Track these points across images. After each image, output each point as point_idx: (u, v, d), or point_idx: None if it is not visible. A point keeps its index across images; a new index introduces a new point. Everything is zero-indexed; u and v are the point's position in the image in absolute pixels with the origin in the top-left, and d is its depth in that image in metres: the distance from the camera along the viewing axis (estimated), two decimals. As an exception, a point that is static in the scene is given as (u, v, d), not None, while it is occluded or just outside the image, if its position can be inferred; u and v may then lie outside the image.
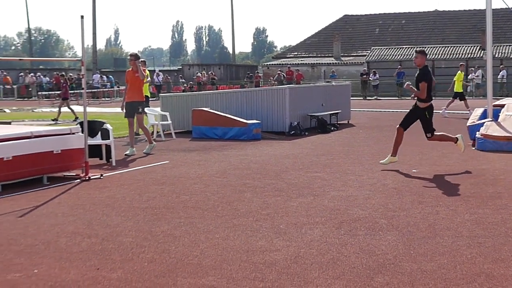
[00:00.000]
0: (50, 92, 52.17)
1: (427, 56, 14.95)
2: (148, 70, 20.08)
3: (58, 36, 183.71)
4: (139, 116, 16.15)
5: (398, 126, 13.22)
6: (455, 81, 28.70)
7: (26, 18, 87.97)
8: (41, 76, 61.23)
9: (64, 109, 29.16)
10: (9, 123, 23.35)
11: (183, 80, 61.84)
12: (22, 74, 62.16)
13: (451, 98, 28.99)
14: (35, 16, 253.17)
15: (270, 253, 7.08)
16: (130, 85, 16.14)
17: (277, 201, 10.04)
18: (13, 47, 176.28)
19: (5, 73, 62.17)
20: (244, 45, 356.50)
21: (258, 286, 5.96)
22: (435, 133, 13.20)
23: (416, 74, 13.04)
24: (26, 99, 55.64)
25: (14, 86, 58.70)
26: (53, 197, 10.54)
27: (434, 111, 13.18)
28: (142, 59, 17.37)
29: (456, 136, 13.64)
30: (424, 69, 12.97)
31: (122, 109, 16.54)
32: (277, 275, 6.28)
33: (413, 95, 13.08)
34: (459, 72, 29.12)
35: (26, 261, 6.87)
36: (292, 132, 20.54)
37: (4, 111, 36.10)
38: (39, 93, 53.53)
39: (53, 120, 27.56)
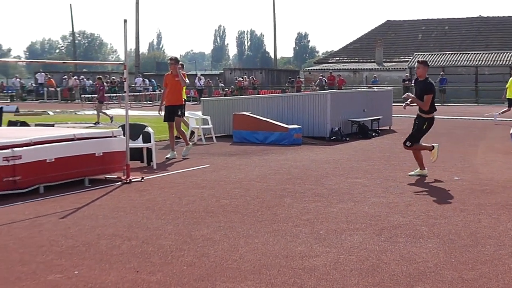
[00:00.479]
0: (92, 95, 52.59)
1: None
2: (188, 74, 20.14)
3: (102, 40, 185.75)
4: (178, 119, 16.16)
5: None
6: (507, 88, 28.26)
7: (70, 21, 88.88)
8: (84, 79, 61.86)
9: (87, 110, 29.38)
10: (53, 125, 23.59)
11: (222, 85, 61.98)
12: (65, 77, 62.88)
13: (506, 106, 28.45)
14: (79, 20, 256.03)
15: (309, 258, 7.05)
16: (170, 88, 16.19)
17: (317, 206, 10.00)
18: (57, 50, 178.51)
19: (49, 75, 62.92)
20: (286, 50, 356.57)
21: (297, 292, 5.93)
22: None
23: (419, 85, 12.91)
24: (69, 101, 56.26)
25: (58, 89, 59.38)
26: (95, 199, 10.62)
27: (433, 125, 13.11)
28: (180, 63, 17.42)
29: (433, 144, 13.45)
30: (428, 81, 12.85)
31: (159, 113, 16.61)
32: (316, 281, 6.24)
33: (408, 101, 13.05)
34: (511, 78, 28.73)
35: (66, 262, 6.93)
36: (333, 137, 20.46)
37: (48, 114, 36.51)
38: (82, 96, 54.07)
39: (94, 123, 27.78)
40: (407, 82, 51.45)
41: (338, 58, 72.44)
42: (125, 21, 12.24)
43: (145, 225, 8.72)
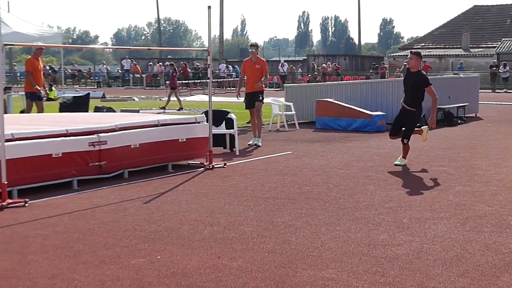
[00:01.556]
0: (177, 82, 53.15)
1: None
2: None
3: (186, 27, 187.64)
4: (258, 103, 15.99)
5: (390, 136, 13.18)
6: None
7: (156, 8, 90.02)
8: (169, 65, 62.54)
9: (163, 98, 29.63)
10: (137, 111, 23.97)
11: (300, 71, 61.73)
12: (151, 63, 63.72)
13: None
14: (164, 7, 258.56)
15: (392, 247, 6.96)
16: (250, 75, 16.07)
17: (400, 194, 9.87)
18: (143, 37, 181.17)
19: (135, 62, 63.90)
20: (370, 35, 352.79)
21: (379, 281, 5.86)
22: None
23: (412, 76, 12.54)
24: (154, 88, 57.01)
25: (143, 75, 60.23)
26: (177, 185, 10.73)
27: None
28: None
29: (422, 128, 13.25)
30: (421, 73, 12.60)
31: (238, 97, 16.58)
32: (399, 270, 6.16)
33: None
34: None
35: (149, 247, 7.01)
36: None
37: (133, 100, 37.10)
38: (167, 82, 54.67)
39: (161, 108, 28.01)
40: (494, 68, 50.26)
41: (423, 44, 71.30)
42: (209, 7, 12.30)
43: (227, 211, 8.76)
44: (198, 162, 12.73)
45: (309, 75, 57.59)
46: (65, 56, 50.80)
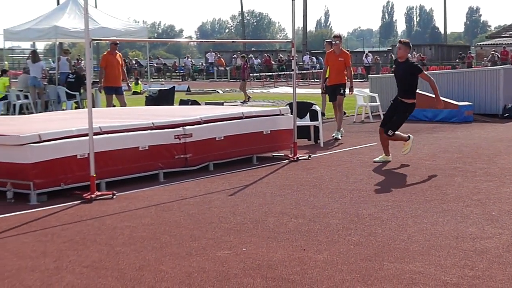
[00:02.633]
0: (261, 74, 53.35)
1: None
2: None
3: (270, 19, 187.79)
4: (340, 97, 15.79)
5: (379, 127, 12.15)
6: None
7: (239, 1, 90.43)
8: (253, 58, 62.74)
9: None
10: (222, 104, 24.13)
11: (365, 61, 60.97)
12: (235, 56, 64.02)
13: None
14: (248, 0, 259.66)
15: (481, 240, 6.81)
16: (332, 67, 15.85)
17: (489, 186, 9.65)
18: (227, 30, 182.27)
19: (219, 55, 64.33)
20: (456, 25, 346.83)
21: (467, 275, 5.74)
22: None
23: (401, 66, 12.00)
24: (238, 80, 57.21)
25: (227, 68, 60.58)
26: (262, 177, 10.75)
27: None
28: (329, 40, 17.01)
29: (409, 135, 12.26)
30: (410, 61, 12.08)
31: (322, 91, 16.43)
32: (488, 264, 6.02)
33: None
34: None
35: (235, 239, 7.04)
36: (506, 114, 19.67)
37: (218, 92, 37.36)
38: (250, 74, 54.90)
39: (243, 102, 28.05)
40: None
41: (511, 32, 69.52)
42: (293, -1, 12.29)
43: (312, 203, 8.73)
44: (283, 154, 12.72)
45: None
46: (151, 50, 51.59)
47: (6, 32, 25.28)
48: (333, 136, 15.34)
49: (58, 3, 42.14)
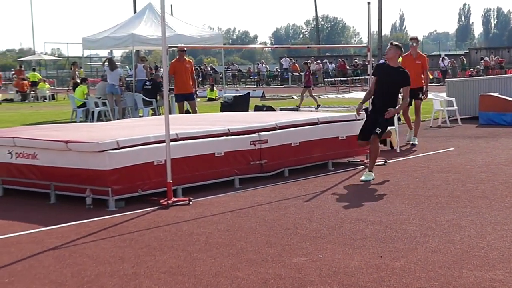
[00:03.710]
0: (335, 79, 53.16)
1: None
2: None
3: (344, 23, 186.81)
4: (417, 102, 15.55)
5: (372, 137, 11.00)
6: None
7: (314, 6, 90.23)
8: (327, 63, 62.57)
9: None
10: (297, 109, 24.12)
11: (441, 65, 59.89)
12: (309, 61, 63.92)
13: None
14: (323, 4, 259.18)
15: None
16: (409, 70, 15.53)
17: None
18: (301, 35, 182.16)
19: (293, 60, 64.33)
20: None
21: (550, 284, 5.59)
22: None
23: (392, 73, 11.01)
24: (312, 86, 57.12)
25: (302, 73, 60.46)
26: (338, 183, 10.69)
27: None
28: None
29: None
30: (402, 69, 11.22)
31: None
32: None
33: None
34: None
35: (311, 245, 7.01)
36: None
37: (292, 98, 37.35)
38: (325, 79, 54.73)
39: (296, 106, 27.87)
40: None
41: None
42: (368, 3, 12.22)
43: (388, 209, 8.64)
44: (358, 160, 12.63)
45: (471, 69, 55.99)
46: (225, 56, 51.91)
47: (85, 40, 25.82)
48: (410, 142, 15.16)
49: (135, 11, 42.80)
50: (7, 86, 48.95)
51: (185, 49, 18.96)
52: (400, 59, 12.52)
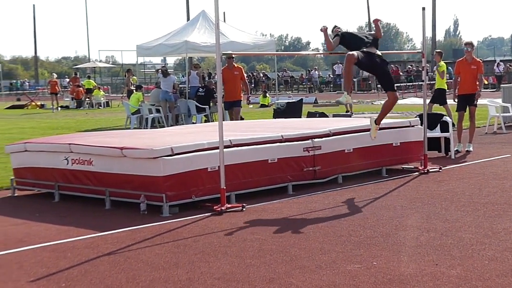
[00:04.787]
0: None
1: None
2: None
3: (398, 29, 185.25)
4: (472, 108, 15.32)
5: None
6: None
7: (366, 12, 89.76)
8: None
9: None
10: (350, 115, 24.00)
11: (497, 70, 58.96)
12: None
13: None
14: (375, 10, 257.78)
15: None
16: (464, 76, 15.35)
17: None
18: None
19: (346, 67, 64.06)
20: None
21: None
22: None
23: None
24: (365, 92, 56.88)
25: (354, 80, 60.26)
26: (392, 190, 10.60)
27: None
28: (438, 50, 16.41)
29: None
30: None
31: (454, 100, 15.92)
32: None
33: None
34: None
35: (365, 252, 6.96)
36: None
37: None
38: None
39: (348, 112, 27.57)
40: None
41: None
42: (423, 8, 12.14)
43: (443, 216, 8.54)
44: (413, 167, 12.50)
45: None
46: (278, 62, 51.97)
47: (139, 48, 26.08)
48: (464, 149, 14.94)
49: (188, 19, 43.14)
50: (62, 93, 49.65)
51: (233, 56, 18.88)
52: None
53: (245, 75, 19.55)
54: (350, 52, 10.23)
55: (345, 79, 9.51)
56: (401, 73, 58.39)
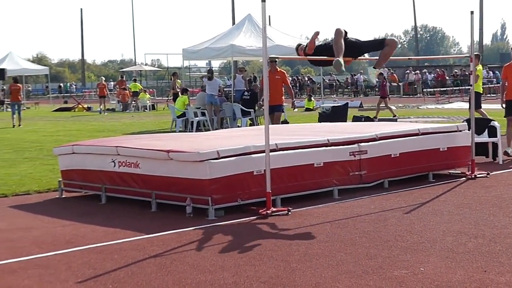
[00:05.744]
0: (434, 89, 52.37)
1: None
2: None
3: (444, 33, 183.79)
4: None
5: None
6: None
7: (413, 16, 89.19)
8: (426, 73, 61.71)
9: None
10: (395, 120, 23.86)
11: None
12: (407, 71, 63.21)
13: None
14: (422, 14, 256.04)
15: None
16: (511, 81, 15.17)
17: None
18: (399, 45, 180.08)
19: (392, 71, 63.69)
20: None
21: None
22: None
23: None
24: (411, 96, 56.49)
25: (400, 84, 59.90)
26: (439, 195, 10.50)
27: None
28: (476, 53, 15.98)
29: None
30: None
31: (502, 106, 15.69)
32: None
33: None
34: None
35: (412, 258, 6.90)
36: None
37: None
38: (424, 90, 54.00)
39: (373, 118, 27.37)
40: None
41: None
42: (471, 12, 12.02)
43: (492, 222, 8.43)
44: (460, 172, 12.36)
45: None
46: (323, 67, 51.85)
47: (185, 51, 26.24)
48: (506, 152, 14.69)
49: (233, 23, 43.28)
50: (109, 96, 50.15)
51: (276, 60, 18.76)
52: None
53: (290, 79, 19.46)
54: (338, 27, 10.06)
55: (336, 48, 9.56)
56: (447, 77, 57.83)
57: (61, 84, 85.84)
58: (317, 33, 10.28)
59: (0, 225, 9.01)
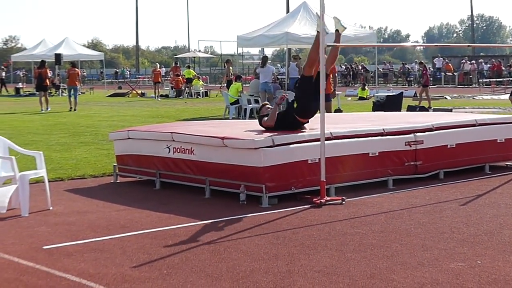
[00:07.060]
0: (490, 80, 51.58)
1: None
2: None
3: (501, 23, 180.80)
4: None
5: None
6: None
7: (469, 5, 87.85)
8: (482, 63, 60.78)
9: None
10: (450, 110, 23.56)
11: None
12: (463, 61, 62.38)
13: None
14: (479, 3, 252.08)
15: None
16: None
17: None
18: (454, 35, 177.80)
19: (447, 60, 62.93)
20: None
21: None
22: None
23: None
24: (466, 86, 55.74)
25: (455, 74, 59.15)
26: (495, 187, 10.33)
27: None
28: None
29: None
30: None
31: None
32: None
33: None
34: None
35: (469, 251, 6.80)
36: None
37: (445, 98, 36.57)
38: (480, 80, 53.25)
39: (428, 107, 26.93)
40: None
41: None
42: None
43: (550, 216, 8.27)
44: (516, 164, 12.16)
45: None
46: (376, 55, 51.45)
47: (239, 38, 26.28)
48: None
49: (287, 10, 43.15)
50: (162, 82, 50.47)
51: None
52: None
53: (343, 67, 19.36)
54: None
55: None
56: (503, 68, 56.88)
57: (117, 70, 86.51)
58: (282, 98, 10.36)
59: (57, 208, 9.12)
